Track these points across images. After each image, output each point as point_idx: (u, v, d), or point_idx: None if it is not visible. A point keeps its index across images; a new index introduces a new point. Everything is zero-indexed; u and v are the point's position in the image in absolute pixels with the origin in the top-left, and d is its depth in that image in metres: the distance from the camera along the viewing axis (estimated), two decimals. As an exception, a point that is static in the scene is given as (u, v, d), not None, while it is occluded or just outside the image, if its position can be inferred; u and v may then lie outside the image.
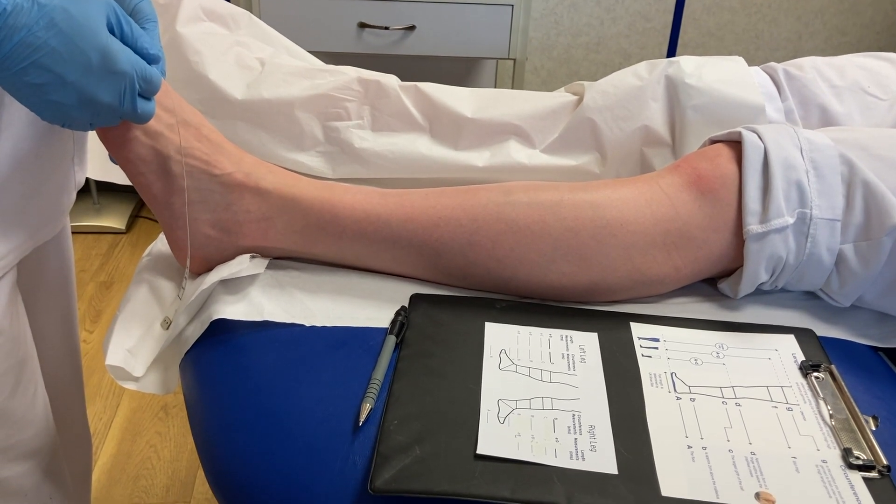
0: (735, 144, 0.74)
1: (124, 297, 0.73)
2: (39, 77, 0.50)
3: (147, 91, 0.57)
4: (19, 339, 0.66)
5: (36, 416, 0.69)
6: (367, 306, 0.71)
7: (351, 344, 0.66)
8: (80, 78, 0.51)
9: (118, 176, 0.77)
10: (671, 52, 2.28)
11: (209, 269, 0.72)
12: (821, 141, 0.72)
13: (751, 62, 0.89)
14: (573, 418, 0.58)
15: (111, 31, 0.53)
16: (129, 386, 0.69)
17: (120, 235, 2.26)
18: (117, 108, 0.55)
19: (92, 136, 0.75)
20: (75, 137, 0.70)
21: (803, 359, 0.66)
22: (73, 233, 2.39)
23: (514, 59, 1.91)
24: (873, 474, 0.54)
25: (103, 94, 0.53)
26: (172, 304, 0.73)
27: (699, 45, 2.37)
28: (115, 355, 0.68)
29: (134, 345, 0.69)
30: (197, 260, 0.72)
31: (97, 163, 0.81)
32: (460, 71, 2.26)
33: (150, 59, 0.56)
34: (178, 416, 1.62)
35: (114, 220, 2.27)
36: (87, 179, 2.49)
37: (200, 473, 1.47)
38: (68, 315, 0.84)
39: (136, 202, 2.36)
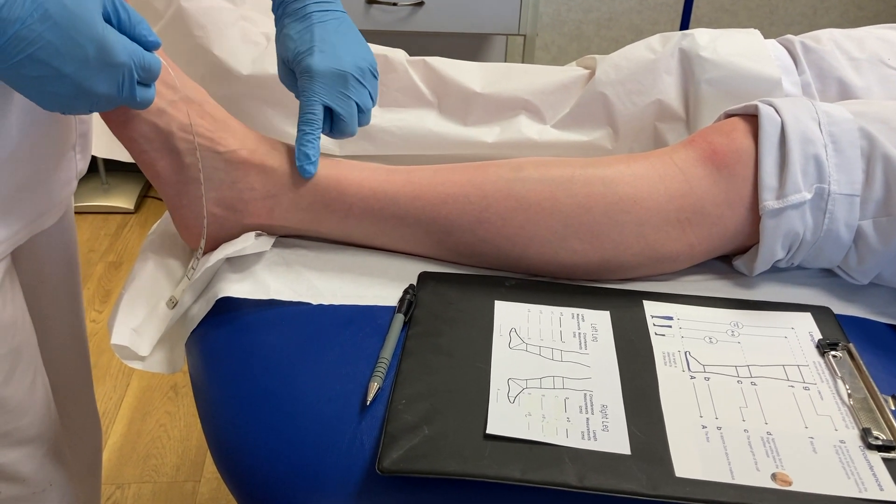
0: (751, 118, 0.72)
1: (129, 275, 0.73)
2: (36, 70, 0.48)
3: (146, 79, 0.55)
4: (15, 327, 0.65)
5: (34, 403, 0.68)
6: (375, 284, 0.70)
7: (358, 322, 0.65)
8: (76, 71, 0.50)
9: (123, 153, 0.76)
10: (684, 28, 2.24)
11: (214, 247, 0.71)
12: (840, 114, 0.70)
13: (765, 37, 0.87)
14: (585, 398, 0.57)
15: (108, 20, 0.51)
16: (135, 365, 0.68)
17: (128, 215, 2.25)
18: (115, 98, 0.53)
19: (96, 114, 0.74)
20: (78, 127, 0.69)
21: (820, 337, 0.64)
22: (81, 213, 2.38)
23: (525, 36, 1.88)
24: (893, 455, 0.53)
25: (101, 85, 0.51)
26: (178, 282, 0.72)
27: (712, 21, 2.33)
28: (121, 334, 0.67)
29: (139, 324, 0.69)
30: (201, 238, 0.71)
31: (102, 140, 0.80)
32: (470, 48, 2.24)
33: (149, 46, 0.55)
34: (187, 395, 1.63)
35: (122, 200, 2.27)
36: (95, 160, 2.47)
37: (210, 453, 1.48)
38: (74, 302, 0.83)
39: (145, 182, 2.35)
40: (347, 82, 0.68)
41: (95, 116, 0.73)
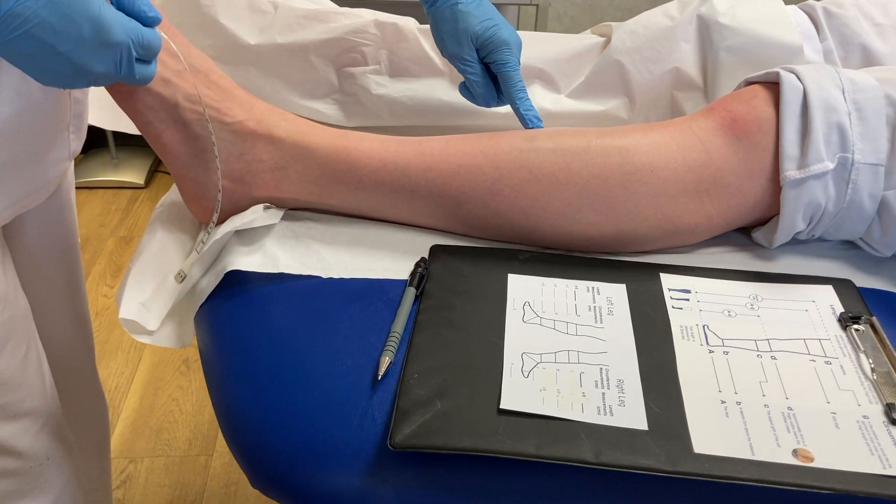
0: (772, 86, 0.70)
1: (137, 249, 0.72)
2: (32, 48, 0.47)
3: (145, 56, 0.54)
4: (6, 300, 0.65)
5: (28, 377, 0.68)
6: (386, 258, 0.69)
7: (369, 296, 0.64)
8: (72, 49, 0.48)
9: (129, 125, 0.75)
10: (699, -3, 2.20)
11: (222, 220, 0.70)
12: (864, 81, 0.68)
13: (785, 3, 0.84)
14: (601, 372, 0.56)
15: None
16: (143, 339, 0.67)
17: (139, 190, 2.25)
18: (114, 76, 0.52)
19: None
20: (73, 108, 0.68)
21: (842, 310, 0.63)
22: (91, 188, 2.37)
23: (537, 5, 1.86)
24: (918, 431, 0.52)
25: (98, 64, 0.50)
26: (187, 256, 0.71)
27: (728, -10, 2.29)
28: (129, 308, 0.66)
29: (148, 298, 0.68)
30: (209, 211, 0.70)
31: (107, 112, 0.78)
32: (481, 19, 2.20)
33: (149, 22, 0.53)
34: (199, 370, 1.62)
35: (132, 174, 2.26)
36: (105, 135, 2.44)
37: (222, 427, 1.48)
38: (72, 281, 0.83)
39: (155, 157, 2.35)
40: (521, 51, 0.76)
41: (96, 90, 0.72)
